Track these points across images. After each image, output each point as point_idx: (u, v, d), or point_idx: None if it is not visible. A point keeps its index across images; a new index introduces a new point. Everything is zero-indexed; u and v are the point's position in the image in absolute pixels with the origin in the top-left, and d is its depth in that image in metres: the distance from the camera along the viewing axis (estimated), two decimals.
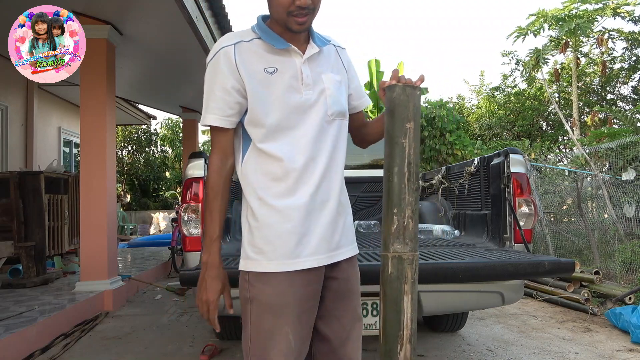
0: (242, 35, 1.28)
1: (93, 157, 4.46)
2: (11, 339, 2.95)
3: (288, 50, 1.26)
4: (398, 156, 1.11)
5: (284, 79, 1.24)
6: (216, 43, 1.28)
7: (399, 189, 1.10)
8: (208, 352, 3.07)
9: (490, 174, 2.80)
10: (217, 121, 1.25)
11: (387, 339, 1.09)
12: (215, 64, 1.25)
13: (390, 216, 1.10)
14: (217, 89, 1.24)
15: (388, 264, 1.09)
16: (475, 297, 2.40)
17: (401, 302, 1.09)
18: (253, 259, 1.23)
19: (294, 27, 1.22)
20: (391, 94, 1.13)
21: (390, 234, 1.10)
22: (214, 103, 1.24)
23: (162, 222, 14.16)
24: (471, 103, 15.60)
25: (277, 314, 1.20)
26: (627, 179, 4.97)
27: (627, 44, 11.82)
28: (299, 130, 1.25)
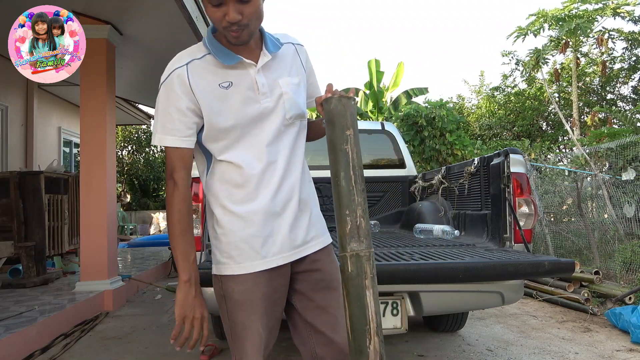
0: (193, 53, 1.28)
1: (93, 157, 4.46)
2: (11, 339, 2.96)
3: (240, 64, 1.27)
4: (343, 162, 1.18)
5: (240, 92, 1.26)
6: (169, 64, 1.28)
7: (347, 191, 1.17)
8: (208, 352, 3.07)
9: (490, 174, 2.80)
10: (177, 142, 1.26)
11: (355, 335, 1.14)
12: (168, 86, 1.25)
13: (343, 218, 1.17)
14: (173, 111, 1.25)
15: (347, 263, 1.15)
16: (475, 297, 2.40)
17: (364, 297, 1.14)
18: (223, 263, 1.30)
19: (232, 41, 1.23)
20: (329, 106, 1.21)
21: (345, 234, 1.16)
22: (170, 124, 1.25)
23: (162, 222, 14.17)
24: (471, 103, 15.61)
25: (246, 309, 1.28)
26: (627, 179, 4.97)
27: (627, 44, 11.83)
28: (257, 137, 1.29)
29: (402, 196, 4.35)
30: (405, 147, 4.62)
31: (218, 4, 1.16)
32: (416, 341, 3.37)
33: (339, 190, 1.18)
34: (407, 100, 13.12)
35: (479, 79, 22.07)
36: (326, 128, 1.23)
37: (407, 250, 2.51)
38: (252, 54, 1.29)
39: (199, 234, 2.40)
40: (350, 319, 1.16)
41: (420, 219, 3.64)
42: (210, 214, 1.34)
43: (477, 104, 15.03)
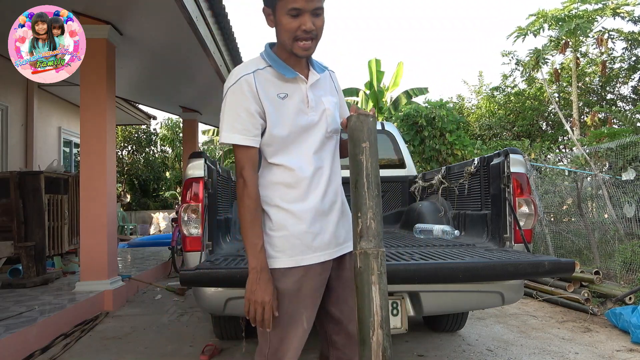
0: (256, 64, 1.42)
1: (93, 157, 4.46)
2: (11, 339, 2.96)
3: (296, 79, 1.43)
4: (358, 170, 1.32)
5: (294, 103, 1.42)
6: (235, 71, 1.41)
7: (361, 196, 1.30)
8: (208, 352, 3.07)
9: (490, 174, 2.80)
10: (245, 141, 1.37)
11: (361, 326, 1.25)
12: (237, 90, 1.37)
13: (356, 220, 1.30)
14: (242, 112, 1.36)
15: (357, 260, 1.27)
16: (475, 297, 2.40)
17: (370, 291, 1.25)
18: (274, 257, 1.40)
19: (300, 53, 1.38)
20: (349, 123, 1.36)
21: (356, 234, 1.29)
22: (239, 125, 1.37)
23: (162, 222, 14.17)
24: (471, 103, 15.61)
25: (294, 300, 1.39)
26: (627, 179, 4.97)
27: (627, 44, 11.82)
28: (306, 145, 1.44)
29: (402, 196, 4.35)
30: (405, 147, 4.62)
31: (296, 15, 1.32)
32: (416, 341, 3.37)
33: (354, 195, 1.31)
34: (407, 100, 13.12)
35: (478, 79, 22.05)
36: (348, 142, 1.38)
37: (407, 250, 2.51)
38: (302, 72, 1.45)
39: (199, 234, 2.39)
40: (358, 311, 1.26)
41: (420, 219, 3.64)
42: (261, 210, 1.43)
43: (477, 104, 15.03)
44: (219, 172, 2.83)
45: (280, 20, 1.34)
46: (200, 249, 2.37)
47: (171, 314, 4.31)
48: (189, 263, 2.40)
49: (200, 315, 4.15)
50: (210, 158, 2.64)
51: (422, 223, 3.50)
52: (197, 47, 4.58)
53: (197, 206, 2.41)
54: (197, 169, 2.46)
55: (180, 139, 15.50)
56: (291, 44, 1.36)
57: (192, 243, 2.40)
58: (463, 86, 20.76)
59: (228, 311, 2.29)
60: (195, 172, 2.46)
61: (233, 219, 3.18)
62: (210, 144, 18.47)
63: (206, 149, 18.24)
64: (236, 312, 2.38)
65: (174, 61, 5.94)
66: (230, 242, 2.91)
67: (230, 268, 1.95)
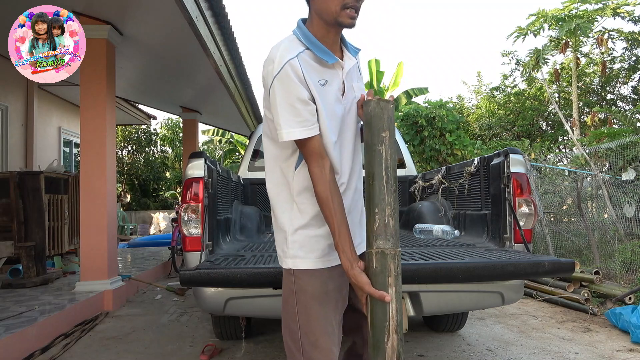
0: (295, 46, 1.30)
1: (93, 157, 4.46)
2: (11, 339, 2.96)
3: (335, 64, 1.33)
4: (377, 162, 1.23)
5: (332, 91, 1.32)
6: (278, 55, 1.27)
7: (378, 190, 1.21)
8: (208, 352, 3.07)
9: (490, 174, 2.80)
10: (307, 132, 1.26)
11: (375, 331, 1.18)
12: (285, 78, 1.24)
13: (372, 216, 1.22)
14: (296, 102, 1.25)
15: (372, 259, 1.20)
16: (475, 297, 2.40)
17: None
18: (300, 257, 1.34)
19: (346, 21, 1.26)
20: (367, 108, 1.25)
21: (373, 231, 1.21)
22: (297, 117, 1.25)
23: (162, 222, 14.16)
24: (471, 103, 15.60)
25: (321, 302, 1.33)
26: (627, 179, 4.97)
27: (627, 44, 11.81)
28: (342, 137, 1.35)
29: (402, 196, 4.35)
30: (405, 147, 4.62)
31: None
32: (416, 341, 3.37)
33: (371, 190, 1.22)
34: (407, 100, 13.12)
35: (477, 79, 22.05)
36: (364, 129, 1.28)
37: (407, 250, 2.51)
38: (337, 55, 1.35)
39: (199, 234, 2.39)
40: (371, 314, 1.19)
41: (420, 219, 3.64)
42: (289, 207, 1.36)
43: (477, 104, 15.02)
44: (219, 172, 2.83)
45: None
46: (200, 249, 2.37)
47: (171, 314, 4.31)
48: (189, 263, 2.40)
49: (200, 315, 4.15)
50: (210, 158, 2.64)
51: (422, 223, 3.50)
52: (197, 47, 4.58)
53: (197, 206, 2.41)
54: (197, 169, 2.46)
55: (180, 139, 15.50)
56: (338, 12, 1.25)
57: (192, 243, 2.40)
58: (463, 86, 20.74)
59: (228, 311, 2.29)
60: (195, 172, 2.46)
61: (233, 219, 3.18)
62: (210, 144, 18.47)
63: (206, 149, 18.24)
64: (236, 312, 2.38)
65: (174, 61, 5.94)
66: (230, 242, 2.91)
67: (230, 268, 1.95)
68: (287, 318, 1.36)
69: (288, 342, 1.36)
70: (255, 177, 4.42)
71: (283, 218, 1.37)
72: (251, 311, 2.37)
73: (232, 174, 3.48)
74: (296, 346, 1.33)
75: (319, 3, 1.27)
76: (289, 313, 1.35)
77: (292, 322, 1.34)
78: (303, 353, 1.32)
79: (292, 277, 1.35)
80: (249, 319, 3.31)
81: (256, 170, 4.49)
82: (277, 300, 2.28)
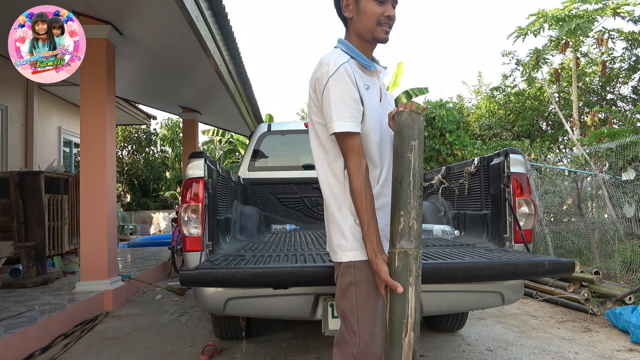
0: (343, 54, 1.48)
1: (93, 157, 4.46)
2: (11, 339, 2.96)
3: (375, 72, 1.53)
4: (405, 168, 1.31)
5: (374, 95, 1.50)
6: (330, 60, 1.43)
7: (405, 194, 1.30)
8: (208, 352, 3.07)
9: (490, 174, 2.80)
10: (356, 127, 1.41)
11: (393, 327, 1.24)
12: (340, 78, 1.40)
13: (397, 218, 1.29)
14: (349, 100, 1.40)
15: (395, 259, 1.27)
16: (475, 297, 2.39)
17: (407, 292, 1.25)
18: (359, 249, 1.42)
19: (381, 36, 1.47)
20: (399, 118, 1.37)
21: (397, 232, 1.28)
22: (348, 112, 1.40)
23: (162, 222, 14.17)
24: (471, 103, 15.60)
25: (377, 291, 1.40)
26: (627, 179, 4.97)
27: (627, 44, 11.81)
28: (382, 139, 1.50)
29: None
30: None
31: (381, 2, 1.43)
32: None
33: (398, 193, 1.32)
34: (407, 100, 13.12)
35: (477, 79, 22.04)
36: (394, 137, 1.40)
37: None
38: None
39: (199, 234, 2.39)
40: (390, 311, 1.26)
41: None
42: (343, 203, 1.46)
43: (477, 104, 15.02)
44: (219, 172, 2.83)
45: (366, 8, 1.44)
46: (200, 249, 2.36)
47: (171, 314, 4.31)
48: (189, 263, 2.40)
49: (200, 315, 4.15)
50: (210, 158, 2.64)
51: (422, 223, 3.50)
52: (197, 47, 4.57)
53: (197, 206, 2.41)
54: (197, 169, 2.46)
55: (180, 139, 15.50)
56: (374, 28, 1.45)
57: (192, 243, 2.40)
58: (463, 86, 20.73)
59: (228, 311, 2.29)
60: (195, 172, 2.46)
61: (233, 219, 3.18)
62: (210, 144, 18.47)
63: (206, 149, 18.23)
64: (236, 312, 2.38)
65: (174, 61, 5.94)
66: (230, 242, 2.91)
67: (230, 268, 1.95)
68: (346, 311, 1.43)
69: (344, 334, 1.43)
70: (255, 177, 4.42)
71: (339, 214, 1.47)
72: (251, 311, 2.37)
73: (232, 174, 3.48)
74: (353, 337, 1.40)
75: (357, 23, 1.48)
76: (348, 306, 1.42)
77: (351, 314, 1.41)
78: (359, 344, 1.39)
79: (351, 270, 1.42)
80: (249, 319, 3.31)
81: (256, 170, 4.49)
82: (277, 300, 2.29)
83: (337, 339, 1.47)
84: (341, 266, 1.46)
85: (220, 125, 12.27)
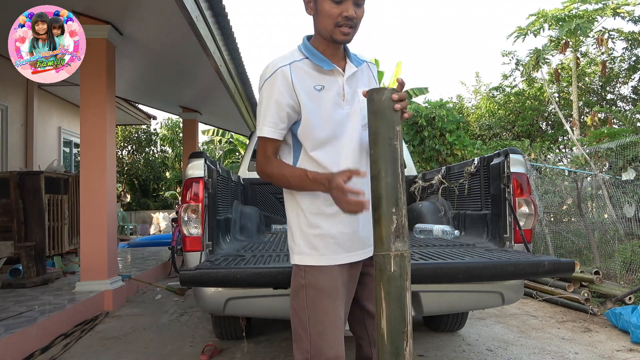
0: (293, 56, 1.44)
1: (93, 157, 4.46)
2: (11, 339, 2.95)
3: (333, 71, 1.43)
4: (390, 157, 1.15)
5: (330, 96, 1.42)
6: (271, 63, 1.41)
7: (394, 188, 1.14)
8: (208, 352, 3.07)
9: (490, 174, 2.80)
10: (271, 133, 1.40)
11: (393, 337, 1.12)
12: (272, 82, 1.38)
13: (388, 216, 1.13)
14: (273, 105, 1.38)
15: (390, 263, 1.13)
16: (475, 297, 2.40)
17: (404, 298, 1.14)
18: (308, 253, 1.41)
19: (339, 38, 1.39)
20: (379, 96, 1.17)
21: (390, 233, 1.13)
22: (270, 117, 1.39)
23: (162, 222, 14.16)
24: (471, 103, 15.60)
25: (330, 296, 1.39)
26: (627, 179, 4.97)
27: (627, 44, 11.81)
28: (342, 140, 1.43)
29: None
30: (405, 147, 4.62)
31: (339, 1, 1.35)
32: (416, 341, 3.37)
33: (385, 187, 1.15)
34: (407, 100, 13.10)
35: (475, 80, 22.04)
36: (370, 119, 1.20)
37: None
38: (339, 64, 1.46)
39: (199, 234, 2.39)
40: (387, 320, 1.13)
41: (420, 219, 3.64)
42: (295, 206, 1.45)
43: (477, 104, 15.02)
44: (219, 172, 2.83)
45: (323, 7, 1.37)
46: (200, 249, 2.37)
47: (171, 314, 4.31)
48: (189, 263, 2.40)
49: (200, 315, 4.14)
50: (210, 158, 2.64)
51: (422, 223, 3.50)
52: (197, 47, 4.58)
53: (197, 206, 2.41)
54: (197, 169, 2.46)
55: (180, 139, 15.49)
56: (332, 30, 1.38)
57: (192, 243, 2.40)
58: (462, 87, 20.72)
59: (228, 311, 2.29)
60: (195, 172, 2.46)
61: (233, 219, 3.18)
62: (210, 144, 18.46)
63: (206, 149, 18.23)
64: (236, 312, 2.38)
65: (174, 61, 5.94)
66: (230, 242, 2.91)
67: (230, 268, 1.95)
68: (297, 308, 1.43)
69: (298, 329, 1.43)
70: (255, 177, 4.42)
71: (291, 216, 1.46)
72: (251, 311, 2.37)
73: (232, 174, 3.48)
74: (305, 334, 1.41)
75: (317, 22, 1.42)
76: (299, 305, 1.42)
77: (301, 312, 1.41)
78: (310, 341, 1.39)
79: (302, 272, 1.42)
80: (249, 319, 3.31)
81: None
82: (277, 300, 2.29)
83: (293, 337, 1.46)
84: (293, 267, 1.47)
85: (220, 125, 12.27)
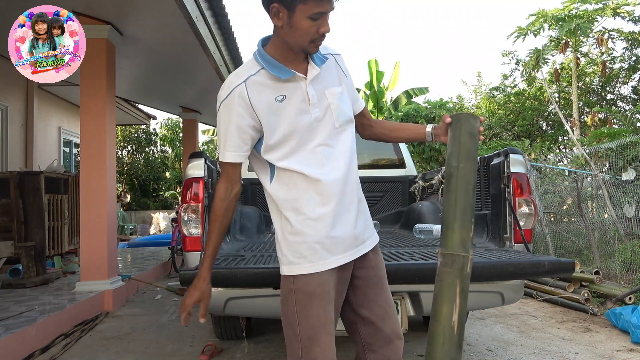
0: (248, 69, 1.37)
1: (93, 157, 4.46)
2: (11, 339, 2.96)
3: (293, 78, 1.36)
4: (473, 172, 1.39)
5: (293, 104, 1.36)
6: (227, 82, 1.37)
7: (473, 199, 1.37)
8: (208, 352, 3.07)
9: (490, 174, 2.80)
10: (234, 158, 1.39)
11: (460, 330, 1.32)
12: (229, 104, 1.35)
13: (469, 224, 1.35)
14: (233, 129, 1.35)
15: (468, 264, 1.35)
16: (475, 297, 2.39)
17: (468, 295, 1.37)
18: (295, 263, 1.37)
19: (312, 51, 1.35)
20: (475, 123, 1.46)
21: (469, 239, 1.35)
22: (230, 142, 1.37)
23: (162, 222, 14.16)
24: (471, 103, 15.60)
25: (319, 300, 1.36)
26: (627, 179, 4.97)
27: (627, 44, 11.81)
28: (312, 145, 1.38)
29: (402, 196, 4.35)
30: (405, 147, 4.62)
31: (317, 18, 1.27)
32: (416, 341, 3.36)
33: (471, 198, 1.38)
34: (407, 100, 13.12)
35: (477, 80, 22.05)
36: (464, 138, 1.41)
37: (407, 250, 2.51)
38: (300, 67, 1.38)
39: (199, 234, 2.39)
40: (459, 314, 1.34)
41: (420, 219, 3.64)
42: (279, 216, 1.42)
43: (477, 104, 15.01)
44: (219, 172, 2.83)
45: (299, 24, 1.27)
46: (200, 249, 2.37)
47: (171, 314, 4.31)
48: (189, 263, 2.41)
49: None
50: (210, 158, 2.64)
51: (422, 223, 3.50)
52: (197, 47, 4.58)
53: (197, 206, 2.41)
54: (197, 169, 2.46)
55: (180, 139, 15.49)
56: (307, 45, 1.32)
57: (192, 243, 2.40)
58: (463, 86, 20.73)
59: (228, 311, 2.29)
60: (195, 172, 2.46)
61: (233, 219, 3.18)
62: (210, 144, 18.47)
63: (206, 149, 18.24)
64: (236, 312, 2.38)
65: (174, 61, 5.94)
66: (230, 242, 2.91)
67: (230, 268, 1.95)
68: (287, 313, 1.40)
69: (289, 334, 1.40)
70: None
71: (276, 226, 1.44)
72: (251, 311, 2.37)
73: None
74: (295, 339, 1.38)
75: (287, 35, 1.32)
76: (289, 310, 1.39)
77: (292, 317, 1.38)
78: (302, 346, 1.36)
79: (290, 278, 1.39)
80: (249, 319, 3.31)
81: None
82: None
83: (285, 341, 1.44)
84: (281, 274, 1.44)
85: None
